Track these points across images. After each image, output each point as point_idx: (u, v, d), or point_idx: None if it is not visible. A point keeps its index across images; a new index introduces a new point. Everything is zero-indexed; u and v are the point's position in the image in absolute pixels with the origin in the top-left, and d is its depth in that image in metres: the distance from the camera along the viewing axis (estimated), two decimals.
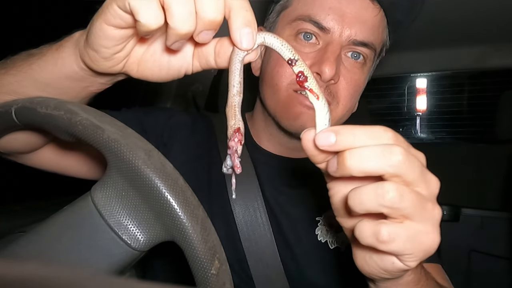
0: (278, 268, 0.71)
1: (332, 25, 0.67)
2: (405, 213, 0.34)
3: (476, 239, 1.67)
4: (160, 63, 0.45)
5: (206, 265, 0.38)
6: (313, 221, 0.75)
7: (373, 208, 0.34)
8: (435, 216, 0.36)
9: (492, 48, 1.41)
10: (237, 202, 0.73)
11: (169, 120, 0.82)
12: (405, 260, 0.36)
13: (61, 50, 0.47)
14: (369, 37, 0.70)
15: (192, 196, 0.40)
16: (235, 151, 0.38)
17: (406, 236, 0.34)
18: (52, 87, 0.49)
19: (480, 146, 1.99)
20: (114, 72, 0.46)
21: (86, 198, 0.42)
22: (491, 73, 2.52)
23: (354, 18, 0.68)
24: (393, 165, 0.33)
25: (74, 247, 0.41)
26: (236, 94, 0.39)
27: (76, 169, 0.73)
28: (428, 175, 0.36)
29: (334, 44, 0.68)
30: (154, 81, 0.48)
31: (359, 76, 0.72)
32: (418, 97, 3.12)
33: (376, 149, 0.33)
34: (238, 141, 0.38)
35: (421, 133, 3.20)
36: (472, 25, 1.22)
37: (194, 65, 0.45)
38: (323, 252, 0.73)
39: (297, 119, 0.70)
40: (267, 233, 0.72)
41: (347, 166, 0.34)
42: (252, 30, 0.36)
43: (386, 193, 0.33)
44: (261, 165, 0.78)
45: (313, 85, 0.38)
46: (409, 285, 0.45)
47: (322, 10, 0.68)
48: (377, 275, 0.41)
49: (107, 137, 0.39)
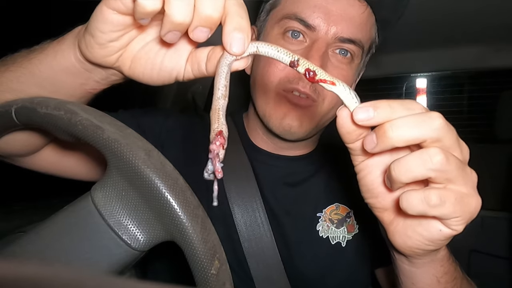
0: (279, 268, 0.71)
1: (317, 22, 0.68)
2: (450, 176, 0.35)
3: (476, 239, 1.67)
4: (153, 62, 0.45)
5: (206, 265, 0.38)
6: (314, 217, 0.75)
7: (422, 173, 0.35)
8: (473, 179, 0.37)
9: (492, 48, 1.41)
10: (236, 203, 0.73)
11: (167, 121, 0.82)
12: (452, 224, 0.38)
13: (62, 42, 0.47)
14: (356, 34, 0.70)
15: (192, 196, 0.40)
16: (216, 154, 0.37)
17: (455, 198, 0.36)
18: (49, 82, 0.49)
19: (480, 146, 1.99)
20: (107, 64, 0.45)
21: (86, 198, 0.42)
22: (491, 73, 2.52)
23: (340, 16, 0.68)
24: (435, 129, 0.34)
25: (74, 247, 0.41)
26: (220, 98, 0.38)
27: (76, 171, 0.72)
28: (461, 141, 0.37)
29: (320, 41, 0.68)
30: (144, 81, 0.47)
31: (347, 72, 0.73)
32: (418, 97, 3.12)
33: (417, 117, 0.35)
34: (220, 145, 0.37)
35: None
36: (472, 25, 1.22)
37: (186, 69, 0.45)
38: (324, 247, 0.74)
39: (284, 118, 0.71)
40: (267, 233, 0.72)
41: (390, 137, 0.34)
42: (243, 36, 0.36)
43: (433, 156, 0.34)
44: (259, 164, 0.78)
45: (323, 75, 0.38)
46: (443, 260, 0.46)
47: (308, 8, 0.68)
48: (421, 247, 0.41)
49: (107, 137, 0.39)
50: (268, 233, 0.72)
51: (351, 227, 0.76)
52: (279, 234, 0.73)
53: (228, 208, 0.73)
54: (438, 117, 0.35)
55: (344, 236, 0.74)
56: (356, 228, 0.76)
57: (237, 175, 0.76)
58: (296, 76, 0.69)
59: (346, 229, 0.75)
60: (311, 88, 0.69)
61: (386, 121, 0.35)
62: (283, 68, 0.70)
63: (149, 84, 0.48)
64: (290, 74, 0.70)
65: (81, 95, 0.52)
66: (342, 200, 0.76)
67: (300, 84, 0.69)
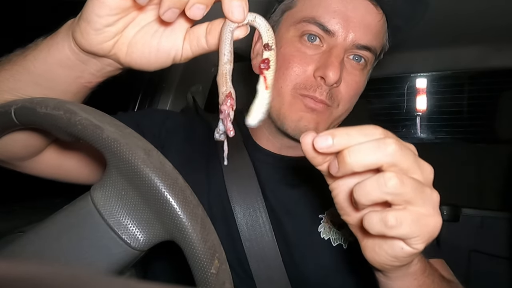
0: (280, 268, 0.71)
1: (337, 28, 0.68)
2: (407, 198, 0.37)
3: (476, 239, 1.67)
4: (150, 45, 0.45)
5: (205, 264, 0.38)
6: (316, 218, 0.75)
7: (378, 197, 0.37)
8: (434, 199, 0.39)
9: (492, 48, 1.41)
10: (237, 203, 0.73)
11: (166, 121, 0.82)
12: (412, 243, 0.39)
13: (55, 36, 0.47)
14: (371, 41, 0.70)
15: (191, 195, 0.40)
16: (227, 114, 0.38)
17: (411, 219, 0.37)
18: (44, 77, 0.49)
19: (480, 146, 1.99)
20: (103, 52, 0.45)
21: (86, 198, 0.42)
22: (491, 73, 2.52)
23: (358, 23, 0.68)
24: (389, 154, 0.36)
25: (73, 247, 0.41)
26: (227, 63, 0.39)
27: (77, 174, 0.72)
28: (421, 162, 0.39)
29: (339, 48, 0.68)
30: (141, 67, 0.47)
31: (360, 79, 0.73)
32: (418, 97, 3.12)
33: (372, 143, 0.37)
34: (230, 106, 0.38)
35: (421, 133, 3.20)
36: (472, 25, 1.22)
37: (184, 48, 0.45)
38: (326, 249, 0.74)
39: (300, 120, 0.71)
40: (268, 233, 0.72)
41: (348, 163, 0.37)
42: (242, 4, 0.38)
43: (388, 180, 0.36)
44: (261, 164, 0.78)
45: (270, 76, 0.39)
46: (416, 273, 0.47)
47: (327, 12, 0.68)
48: (388, 263, 0.43)
49: (107, 137, 0.39)
50: (270, 233, 0.72)
51: None
52: (280, 234, 0.73)
53: (229, 207, 0.73)
54: (392, 143, 0.36)
55: (345, 238, 0.74)
56: None
57: (239, 174, 0.76)
58: (314, 84, 0.69)
59: (348, 231, 0.75)
60: (327, 96, 0.70)
61: (345, 148, 0.37)
62: (301, 73, 0.70)
63: (147, 69, 0.47)
64: (308, 80, 0.70)
65: (77, 89, 0.51)
66: None
67: (317, 91, 0.69)
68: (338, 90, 0.71)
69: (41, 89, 0.50)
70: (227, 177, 0.75)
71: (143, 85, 1.37)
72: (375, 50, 0.72)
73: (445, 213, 1.65)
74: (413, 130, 3.19)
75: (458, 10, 1.11)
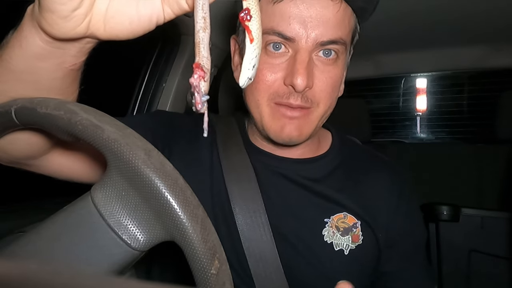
0: (278, 268, 0.71)
1: (295, 33, 0.67)
2: None
3: (476, 239, 1.67)
4: (128, 15, 0.43)
5: (206, 265, 0.38)
6: (322, 221, 0.75)
7: None
8: None
9: (492, 48, 1.41)
10: (238, 204, 0.74)
11: (172, 122, 0.82)
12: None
13: (21, 30, 0.45)
14: (335, 34, 0.68)
15: (192, 195, 0.40)
16: (196, 86, 0.36)
17: None
18: (27, 73, 0.47)
19: (480, 146, 1.99)
20: (79, 36, 0.43)
21: (86, 198, 0.42)
22: (491, 73, 2.52)
23: (316, 21, 0.67)
24: None
25: (73, 247, 0.41)
26: (200, 30, 0.37)
27: (87, 173, 0.71)
28: None
29: (302, 52, 0.67)
30: (126, 38, 0.45)
31: (334, 73, 0.71)
32: (418, 97, 3.12)
33: None
34: (198, 77, 0.36)
35: (421, 133, 3.20)
36: (472, 25, 1.22)
37: (166, 11, 0.43)
38: (327, 252, 0.74)
39: (283, 130, 0.71)
40: (267, 234, 0.73)
41: None
42: None
43: None
44: (261, 166, 0.78)
45: (254, 27, 0.38)
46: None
47: (282, 20, 0.67)
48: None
49: (107, 137, 0.39)
50: (268, 234, 0.73)
51: (356, 237, 0.75)
52: (280, 236, 0.73)
53: (230, 208, 0.74)
54: None
55: (348, 244, 0.74)
56: (361, 239, 0.75)
57: (239, 175, 0.76)
58: (286, 91, 0.69)
59: (350, 238, 0.75)
60: (302, 99, 0.69)
61: None
62: (272, 83, 0.69)
63: (131, 38, 0.45)
64: (279, 89, 0.69)
65: (63, 74, 0.49)
66: (351, 211, 0.76)
67: (291, 98, 0.68)
68: (313, 92, 0.70)
69: (28, 85, 0.48)
70: (228, 177, 0.75)
71: (143, 85, 1.37)
72: (342, 40, 0.70)
73: (445, 213, 1.65)
74: (413, 130, 3.20)
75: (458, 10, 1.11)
